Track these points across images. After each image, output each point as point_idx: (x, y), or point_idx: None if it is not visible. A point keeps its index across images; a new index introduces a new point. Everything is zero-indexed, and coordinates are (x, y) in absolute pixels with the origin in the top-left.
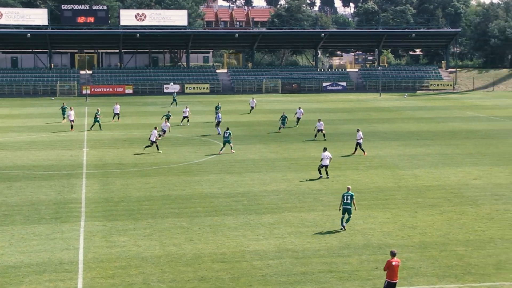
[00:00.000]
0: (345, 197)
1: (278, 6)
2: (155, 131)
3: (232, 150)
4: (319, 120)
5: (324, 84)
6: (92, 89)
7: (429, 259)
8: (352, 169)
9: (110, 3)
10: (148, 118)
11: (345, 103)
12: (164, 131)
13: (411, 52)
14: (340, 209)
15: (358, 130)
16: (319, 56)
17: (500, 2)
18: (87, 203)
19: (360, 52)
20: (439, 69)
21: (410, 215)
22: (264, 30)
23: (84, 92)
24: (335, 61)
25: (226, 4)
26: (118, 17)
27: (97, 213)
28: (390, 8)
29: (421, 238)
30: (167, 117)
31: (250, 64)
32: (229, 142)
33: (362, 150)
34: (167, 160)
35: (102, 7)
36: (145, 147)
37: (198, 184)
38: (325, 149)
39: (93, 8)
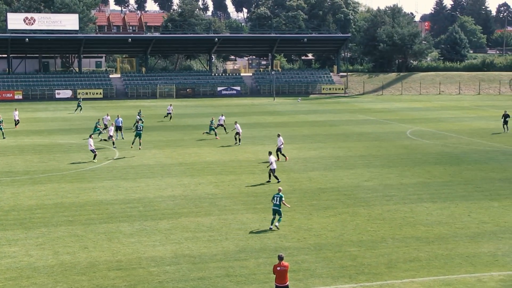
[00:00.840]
0: (275, 198)
1: (171, 10)
2: (91, 140)
3: (140, 147)
4: (235, 123)
5: (219, 88)
6: None
7: (324, 260)
8: (248, 173)
9: None
10: (39, 124)
11: (240, 108)
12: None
13: (303, 57)
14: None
15: (278, 135)
16: (213, 60)
17: (387, 9)
18: None
19: (254, 57)
20: (331, 74)
21: (305, 218)
22: (157, 34)
23: None
24: (229, 65)
25: (118, 8)
26: (6, 20)
27: None
28: (282, 13)
29: (316, 240)
30: (96, 129)
31: (144, 69)
32: (140, 136)
33: (283, 155)
34: (59, 167)
35: None
36: (94, 157)
37: (92, 191)
38: (270, 153)
39: None
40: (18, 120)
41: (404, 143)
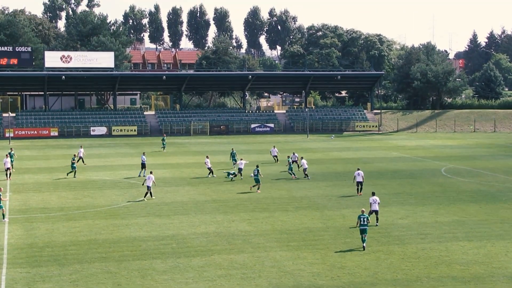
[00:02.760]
0: (361, 219)
1: (206, 48)
2: (152, 176)
3: (259, 191)
4: (301, 158)
5: (252, 125)
6: (16, 132)
7: None
8: (281, 210)
9: (34, 45)
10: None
11: (274, 145)
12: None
13: (337, 94)
14: (357, 227)
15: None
16: (246, 98)
17: (421, 47)
18: (10, 249)
19: (288, 94)
20: (365, 111)
21: (339, 255)
22: (191, 72)
23: (7, 135)
24: (263, 102)
25: (153, 46)
26: (43, 59)
27: (20, 260)
28: (315, 51)
29: (350, 278)
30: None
31: (178, 106)
32: (258, 181)
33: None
34: (93, 204)
35: (26, 48)
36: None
37: (125, 228)
38: (373, 194)
39: (17, 50)
40: (81, 157)
41: (439, 180)
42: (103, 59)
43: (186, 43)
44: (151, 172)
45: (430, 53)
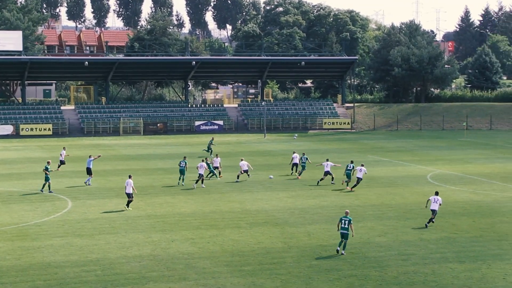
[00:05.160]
0: (343, 221)
1: (139, 27)
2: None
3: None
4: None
5: (197, 123)
6: None
7: None
8: (233, 227)
9: None
10: None
11: (223, 147)
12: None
13: (300, 84)
14: (338, 230)
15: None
16: (190, 89)
17: (402, 26)
18: None
19: (240, 84)
20: (334, 104)
21: (303, 282)
22: (121, 56)
23: None
24: (210, 95)
25: (72, 24)
26: None
27: None
28: (274, 31)
29: None
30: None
31: (103, 99)
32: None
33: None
34: None
35: None
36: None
37: (37, 251)
38: (436, 193)
39: None
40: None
41: (424, 189)
42: (8, 40)
43: (114, 21)
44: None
45: (413, 34)
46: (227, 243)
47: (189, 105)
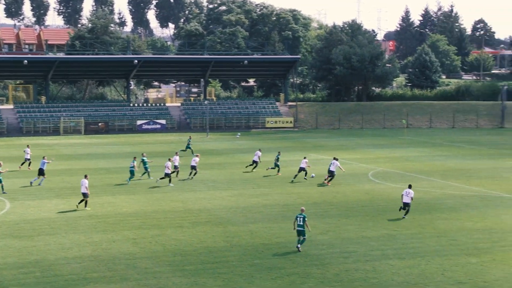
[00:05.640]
0: (298, 218)
1: (79, 26)
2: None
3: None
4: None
5: (139, 122)
6: None
7: None
8: (175, 227)
9: None
10: None
11: (165, 146)
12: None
13: (243, 83)
14: (294, 229)
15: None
16: (132, 88)
17: (344, 26)
18: None
19: (183, 83)
20: (277, 103)
21: (245, 281)
22: (61, 55)
23: None
24: (152, 94)
25: (10, 22)
26: None
27: None
28: (217, 30)
29: None
30: None
31: (43, 98)
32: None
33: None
34: None
35: None
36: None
37: None
38: (409, 186)
39: None
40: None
41: (366, 187)
42: None
43: (54, 19)
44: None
45: (355, 33)
46: (169, 242)
47: (131, 104)
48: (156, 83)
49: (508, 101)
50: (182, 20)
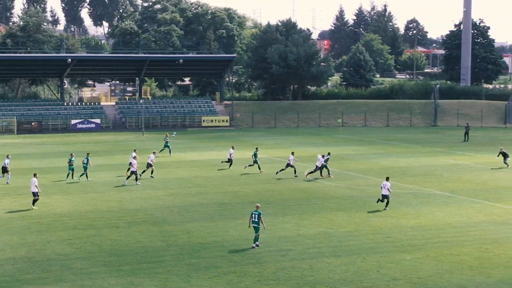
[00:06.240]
0: (253, 215)
1: (11, 24)
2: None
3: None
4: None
5: (73, 121)
6: None
7: None
8: (111, 227)
9: None
10: None
11: (100, 145)
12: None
13: (179, 82)
14: (249, 226)
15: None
16: (65, 86)
17: (279, 25)
18: None
19: (118, 82)
20: (213, 102)
21: (182, 280)
22: None
23: None
24: (87, 93)
25: None
26: None
27: None
28: (152, 28)
29: None
30: None
31: None
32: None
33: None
34: None
35: None
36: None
37: None
38: (387, 179)
39: None
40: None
41: (302, 186)
42: None
43: None
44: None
45: (290, 32)
46: (105, 243)
47: (65, 104)
48: (90, 82)
49: (440, 100)
50: (116, 18)
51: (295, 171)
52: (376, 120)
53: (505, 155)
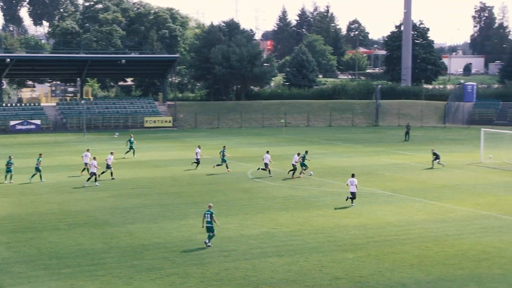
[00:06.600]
0: (206, 215)
1: None
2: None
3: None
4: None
5: (12, 122)
6: None
7: None
8: (51, 229)
9: None
10: None
11: (40, 147)
12: None
13: (121, 83)
14: (203, 227)
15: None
16: (4, 87)
17: (222, 25)
18: None
19: (59, 82)
20: (156, 103)
21: (124, 283)
22: None
23: None
24: (26, 93)
25: None
26: None
27: None
28: (93, 28)
29: None
30: None
31: None
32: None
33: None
34: None
35: None
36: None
37: None
38: (352, 175)
39: None
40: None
41: (245, 186)
42: None
43: None
44: None
45: (233, 32)
46: (45, 245)
47: (4, 104)
48: (30, 83)
49: (382, 100)
50: (57, 18)
51: (269, 171)
52: (319, 120)
53: (436, 156)
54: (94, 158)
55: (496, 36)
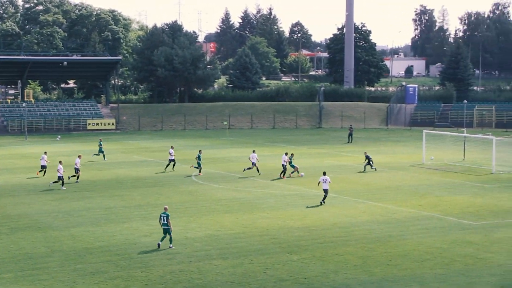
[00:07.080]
0: (162, 217)
1: None
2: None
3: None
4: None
5: None
6: None
7: None
8: None
9: None
10: None
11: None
12: None
13: (63, 85)
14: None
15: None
16: None
17: (165, 27)
18: None
19: None
20: (99, 105)
21: (67, 286)
22: None
23: None
24: None
25: None
26: None
27: None
28: (34, 30)
29: None
30: None
31: None
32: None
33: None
34: None
35: None
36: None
37: None
38: (324, 173)
39: None
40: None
41: (189, 188)
42: None
43: None
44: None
45: (176, 34)
46: None
47: None
48: None
49: (325, 102)
50: None
51: (257, 169)
52: (263, 122)
53: (369, 159)
54: (60, 162)
55: (436, 38)
